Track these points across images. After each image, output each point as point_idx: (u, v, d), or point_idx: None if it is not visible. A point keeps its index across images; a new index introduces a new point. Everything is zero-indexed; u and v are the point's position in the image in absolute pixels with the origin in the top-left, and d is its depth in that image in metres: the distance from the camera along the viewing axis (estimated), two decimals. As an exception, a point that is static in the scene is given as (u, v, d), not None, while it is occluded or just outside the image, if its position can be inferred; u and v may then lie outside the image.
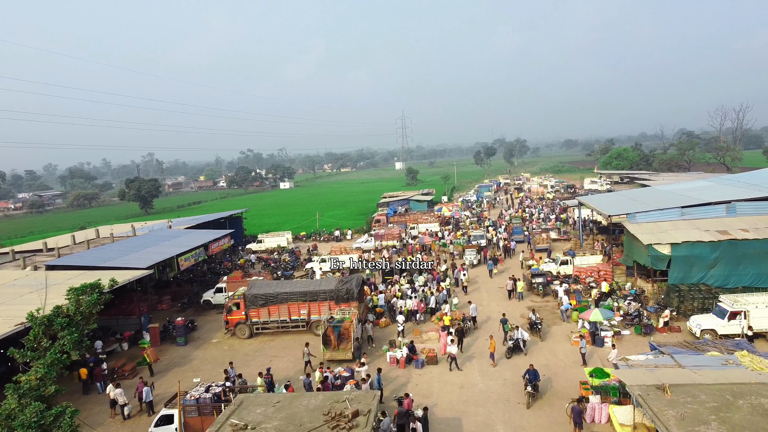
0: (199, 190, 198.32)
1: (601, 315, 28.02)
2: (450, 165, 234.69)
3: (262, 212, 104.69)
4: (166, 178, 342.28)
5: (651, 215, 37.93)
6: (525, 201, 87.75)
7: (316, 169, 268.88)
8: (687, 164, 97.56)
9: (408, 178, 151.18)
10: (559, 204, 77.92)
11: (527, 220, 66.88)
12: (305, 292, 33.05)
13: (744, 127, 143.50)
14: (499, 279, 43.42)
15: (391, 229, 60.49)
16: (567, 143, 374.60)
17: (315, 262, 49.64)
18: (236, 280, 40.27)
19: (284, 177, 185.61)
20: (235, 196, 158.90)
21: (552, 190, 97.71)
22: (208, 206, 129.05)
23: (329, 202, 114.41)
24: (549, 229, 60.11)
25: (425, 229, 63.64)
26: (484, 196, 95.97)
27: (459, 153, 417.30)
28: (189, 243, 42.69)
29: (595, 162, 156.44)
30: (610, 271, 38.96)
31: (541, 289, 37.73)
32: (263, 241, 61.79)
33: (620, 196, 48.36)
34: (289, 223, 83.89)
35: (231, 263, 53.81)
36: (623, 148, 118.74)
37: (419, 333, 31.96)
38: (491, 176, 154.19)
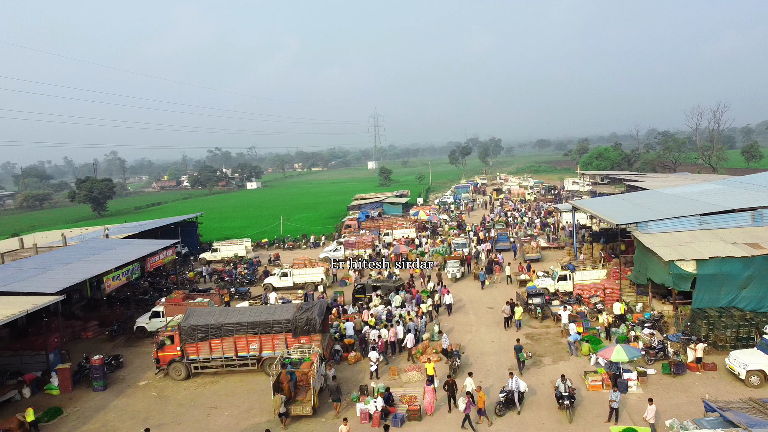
0: (162, 191, 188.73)
1: (626, 354, 22.27)
2: (424, 164, 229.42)
3: (225, 215, 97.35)
4: (129, 177, 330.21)
5: (665, 224, 32.54)
6: (506, 203, 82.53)
7: (286, 168, 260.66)
8: (673, 165, 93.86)
9: (381, 178, 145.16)
10: (542, 207, 72.82)
11: (511, 226, 61.41)
12: (255, 323, 26.59)
13: (722, 127, 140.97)
14: (489, 295, 37.60)
15: (363, 236, 54.27)
16: (540, 143, 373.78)
17: (275, 276, 43.19)
18: (176, 303, 33.53)
19: (251, 177, 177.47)
20: (199, 196, 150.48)
21: (532, 192, 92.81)
22: (168, 208, 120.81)
23: (297, 204, 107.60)
24: (535, 236, 54.77)
25: (401, 235, 57.62)
26: (462, 198, 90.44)
27: (432, 152, 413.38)
28: (122, 257, 35.75)
29: (573, 162, 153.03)
30: (618, 289, 33.48)
31: (539, 312, 31.97)
32: (219, 249, 54.86)
33: (621, 200, 43.08)
34: (252, 228, 77.04)
35: (179, 277, 46.85)
36: (603, 147, 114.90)
37: (396, 373, 25.83)
38: (467, 176, 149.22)
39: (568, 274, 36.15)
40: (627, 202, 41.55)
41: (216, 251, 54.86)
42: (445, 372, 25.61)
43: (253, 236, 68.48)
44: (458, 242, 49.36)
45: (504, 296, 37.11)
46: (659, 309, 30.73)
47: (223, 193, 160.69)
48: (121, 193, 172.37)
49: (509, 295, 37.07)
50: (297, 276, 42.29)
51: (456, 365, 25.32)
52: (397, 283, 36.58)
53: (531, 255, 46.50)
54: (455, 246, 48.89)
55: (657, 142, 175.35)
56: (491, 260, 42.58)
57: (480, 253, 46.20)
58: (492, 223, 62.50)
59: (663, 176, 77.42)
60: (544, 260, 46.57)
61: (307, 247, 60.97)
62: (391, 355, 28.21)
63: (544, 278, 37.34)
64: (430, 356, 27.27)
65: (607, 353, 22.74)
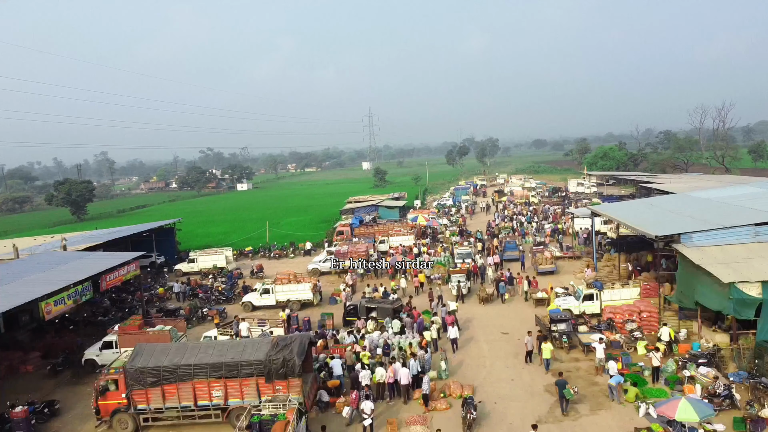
0: (149, 192, 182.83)
1: (697, 412, 17.06)
2: (419, 165, 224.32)
3: (211, 218, 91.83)
4: (119, 178, 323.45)
5: (713, 236, 27.41)
6: (509, 206, 77.35)
7: (279, 169, 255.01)
8: (684, 165, 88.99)
9: (376, 179, 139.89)
10: (551, 211, 67.73)
11: (518, 232, 56.19)
12: (220, 365, 21.27)
13: (727, 126, 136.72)
14: (501, 316, 32.35)
15: (356, 245, 48.96)
16: (536, 143, 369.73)
17: (255, 292, 37.89)
18: (132, 331, 28.19)
19: (242, 178, 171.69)
20: (186, 198, 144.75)
21: (537, 194, 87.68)
22: (153, 211, 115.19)
23: (287, 207, 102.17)
24: (546, 244, 49.63)
25: (398, 243, 52.33)
26: (461, 200, 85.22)
27: (427, 152, 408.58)
28: (72, 275, 30.32)
29: (575, 162, 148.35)
30: (656, 313, 28.34)
31: (565, 342, 26.75)
32: (196, 260, 49.43)
33: (649, 206, 37.97)
34: (237, 233, 71.61)
35: (145, 293, 41.43)
36: (608, 147, 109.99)
37: (396, 426, 20.58)
38: (465, 177, 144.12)
39: (595, 293, 30.99)
40: (657, 208, 36.43)
41: (193, 262, 49.41)
42: (457, 424, 20.52)
43: (238, 243, 63.19)
44: (463, 252, 44.06)
45: (520, 318, 31.99)
46: (710, 338, 25.62)
47: (213, 195, 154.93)
48: (106, 195, 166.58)
49: (525, 316, 31.96)
50: (280, 293, 36.97)
51: (471, 419, 20.09)
52: (395, 304, 31.30)
53: (544, 267, 41.33)
54: (459, 256, 43.61)
55: (658, 142, 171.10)
56: (498, 279, 36.70)
57: (486, 269, 40.58)
58: (497, 228, 57.26)
59: (677, 177, 72.47)
60: (559, 273, 41.46)
61: (296, 255, 55.60)
62: (389, 400, 22.95)
63: (565, 297, 32.16)
64: (437, 403, 22.09)
65: (670, 410, 17.50)
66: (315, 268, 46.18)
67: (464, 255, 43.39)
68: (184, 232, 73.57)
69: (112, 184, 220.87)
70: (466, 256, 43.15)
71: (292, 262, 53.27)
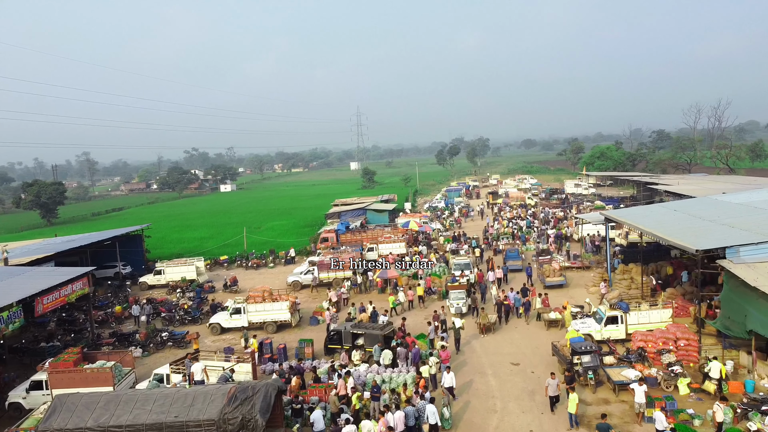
0: (130, 194, 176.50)
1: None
2: (409, 165, 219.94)
3: (189, 222, 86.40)
4: (101, 179, 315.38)
5: (764, 249, 23.03)
6: (505, 209, 72.94)
7: (265, 169, 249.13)
8: (687, 165, 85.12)
9: (364, 179, 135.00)
10: (550, 214, 63.36)
11: (519, 238, 51.71)
12: (159, 425, 16.41)
13: (723, 125, 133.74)
14: (509, 342, 27.73)
15: (341, 253, 44.18)
16: (526, 143, 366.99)
17: (225, 312, 33.03)
18: (66, 368, 23.19)
19: (226, 178, 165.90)
20: (166, 200, 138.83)
21: (532, 196, 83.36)
22: (129, 214, 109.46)
23: (271, 210, 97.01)
24: (551, 252, 45.21)
25: (388, 251, 47.64)
26: (455, 203, 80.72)
27: (416, 152, 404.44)
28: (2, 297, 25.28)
29: (568, 162, 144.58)
30: (695, 341, 23.89)
31: (590, 378, 22.19)
32: (163, 272, 44.34)
33: (672, 211, 33.55)
34: (215, 239, 66.48)
35: (103, 312, 36.35)
36: (605, 146, 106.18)
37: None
38: (457, 177, 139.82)
39: (619, 315, 26.48)
40: (682, 214, 32.01)
41: (159, 273, 44.32)
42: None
43: (214, 251, 58.13)
44: (461, 262, 39.35)
45: (531, 344, 27.46)
46: (764, 374, 21.20)
47: (194, 197, 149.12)
48: (84, 197, 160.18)
49: (538, 342, 27.41)
50: (253, 313, 32.11)
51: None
52: (385, 329, 26.56)
53: (553, 279, 36.84)
54: (457, 267, 38.94)
55: (651, 141, 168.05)
56: (501, 302, 30.91)
57: (487, 288, 35.42)
58: (496, 235, 52.73)
59: (683, 178, 68.51)
60: (568, 286, 37.00)
61: (275, 265, 50.65)
62: (380, 463, 18.24)
63: (583, 319, 27.64)
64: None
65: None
66: (296, 280, 41.35)
67: (462, 266, 38.74)
68: (157, 238, 68.38)
69: (91, 185, 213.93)
70: (464, 267, 38.51)
71: (271, 273, 48.38)
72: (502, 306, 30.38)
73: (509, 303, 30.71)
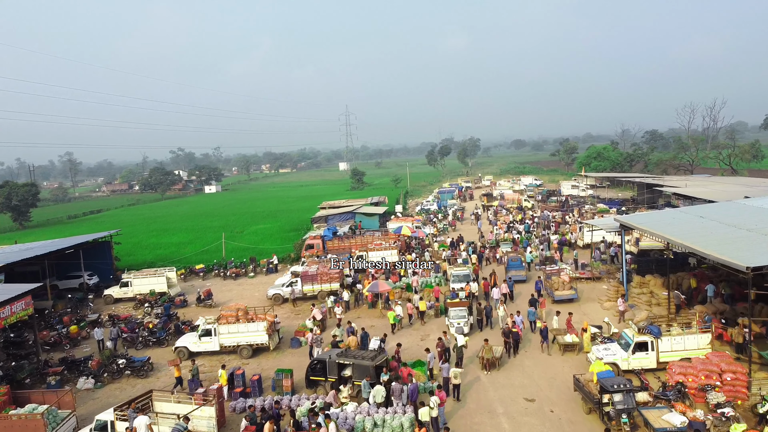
0: (111, 195, 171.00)
1: None
2: (398, 165, 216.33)
3: (168, 225, 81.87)
4: (84, 180, 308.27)
5: (826, 266, 19.45)
6: (500, 212, 69.33)
7: (251, 170, 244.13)
8: (690, 166, 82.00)
9: (353, 180, 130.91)
10: (550, 218, 59.80)
11: (518, 244, 48.01)
12: None
13: (719, 125, 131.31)
14: (520, 371, 23.85)
15: (327, 263, 40.24)
16: (516, 143, 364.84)
17: (192, 335, 29.00)
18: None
19: (211, 179, 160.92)
20: (148, 202, 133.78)
21: (530, 198, 79.83)
22: (107, 217, 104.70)
23: (255, 212, 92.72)
24: (556, 261, 41.62)
25: (379, 258, 43.79)
26: (448, 205, 76.97)
27: (405, 153, 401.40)
28: None
29: (561, 162, 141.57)
30: (743, 373, 20.23)
31: (625, 423, 18.43)
32: (130, 283, 40.09)
33: (698, 218, 29.92)
34: (195, 244, 62.19)
35: (56, 333, 32.07)
36: (602, 146, 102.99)
37: None
38: (448, 178, 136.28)
39: (650, 341, 22.78)
40: (711, 221, 28.42)
41: (126, 286, 40.06)
42: None
43: (192, 258, 53.89)
44: (460, 274, 35.45)
45: (546, 374, 23.67)
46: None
47: (177, 198, 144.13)
48: (63, 199, 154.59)
49: (554, 372, 23.65)
50: (226, 336, 28.08)
51: None
52: (377, 359, 22.64)
53: (563, 293, 33.14)
54: (456, 279, 35.07)
55: (644, 141, 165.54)
56: (509, 330, 25.94)
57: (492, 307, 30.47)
58: (494, 241, 48.99)
59: (687, 179, 65.38)
60: (579, 300, 33.33)
61: (256, 274, 46.56)
62: None
63: (606, 345, 23.92)
64: None
65: None
66: (277, 293, 37.32)
67: (462, 277, 34.90)
68: (132, 244, 64.26)
69: (72, 186, 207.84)
70: (465, 279, 34.68)
71: (251, 283, 44.29)
72: (510, 334, 26.04)
73: (518, 331, 26.47)
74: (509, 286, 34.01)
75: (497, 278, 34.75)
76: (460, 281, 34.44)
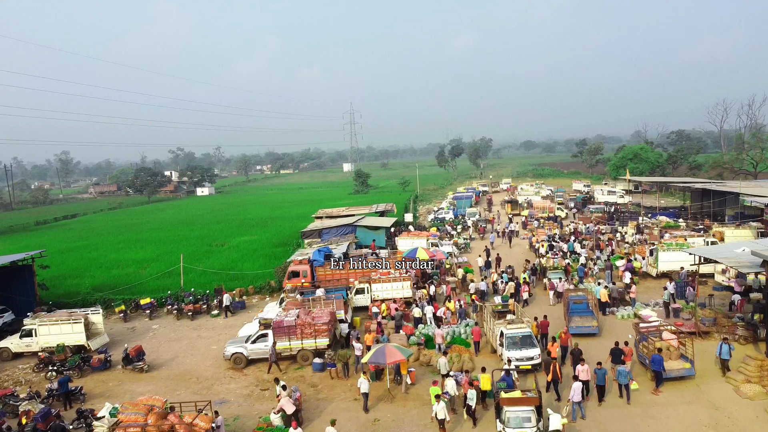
0: (100, 197, 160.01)
1: None
2: (405, 167, 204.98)
3: (140, 236, 70.09)
4: (79, 180, 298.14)
5: None
6: (531, 223, 57.51)
7: (249, 170, 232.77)
8: (754, 171, 69.78)
9: (357, 183, 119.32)
10: (593, 232, 48.03)
11: (571, 272, 36.11)
12: None
13: (761, 124, 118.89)
14: None
15: (315, 303, 28.55)
16: (526, 144, 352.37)
17: None
18: None
19: (203, 180, 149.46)
20: (132, 206, 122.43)
21: (563, 206, 67.92)
22: (79, 223, 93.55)
23: (245, 219, 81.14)
24: (633, 302, 29.94)
25: (388, 294, 32.20)
26: (466, 214, 65.15)
27: (412, 154, 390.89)
28: None
29: (584, 164, 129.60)
30: None
31: None
32: (35, 332, 28.42)
33: None
34: (161, 262, 50.50)
35: None
36: (638, 146, 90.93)
37: None
38: (461, 181, 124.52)
39: None
40: None
41: (30, 336, 28.44)
42: None
43: (149, 284, 42.20)
44: (517, 334, 22.84)
45: None
46: None
47: (165, 201, 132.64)
48: (44, 201, 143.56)
49: None
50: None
51: None
52: None
53: (675, 368, 21.24)
54: (512, 342, 22.68)
55: (670, 143, 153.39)
56: None
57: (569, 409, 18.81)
58: (538, 267, 37.05)
59: (759, 185, 53.48)
60: (696, 376, 21.51)
61: (221, 312, 34.81)
62: None
63: None
64: None
65: None
66: (237, 353, 25.64)
67: (521, 341, 22.48)
68: (88, 260, 53.68)
69: (63, 186, 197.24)
70: (526, 343, 22.40)
71: (212, 326, 32.64)
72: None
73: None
74: (576, 357, 21.95)
75: (568, 337, 22.93)
76: (518, 348, 22.34)
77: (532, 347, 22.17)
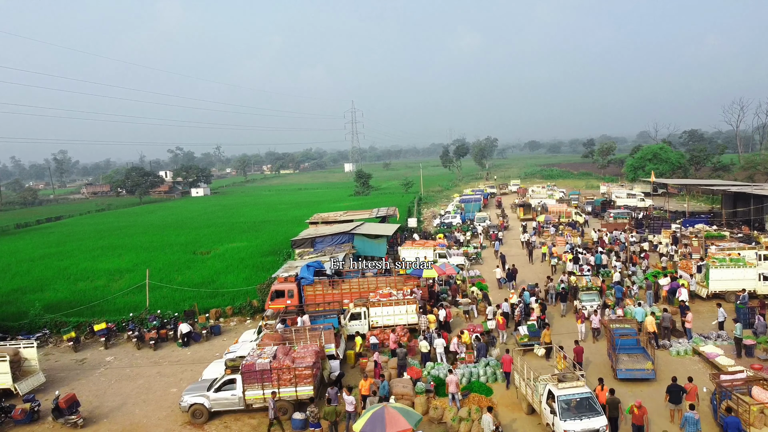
0: (92, 197, 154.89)
1: None
2: (408, 167, 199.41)
3: (120, 241, 64.69)
4: (77, 179, 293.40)
5: None
6: (547, 230, 51.93)
7: (253, 170, 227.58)
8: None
9: (358, 184, 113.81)
10: (620, 239, 42.48)
11: (607, 291, 30.56)
12: None
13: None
14: None
15: (298, 338, 23.10)
16: (530, 144, 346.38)
17: None
18: None
19: (198, 181, 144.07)
20: (121, 207, 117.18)
21: (578, 210, 62.28)
22: (62, 225, 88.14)
23: (237, 223, 75.66)
24: (689, 333, 24.36)
25: (388, 321, 26.72)
26: (476, 219, 59.52)
27: (414, 154, 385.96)
28: None
29: (596, 165, 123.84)
30: None
31: None
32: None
33: None
34: (136, 273, 44.87)
35: None
36: (658, 146, 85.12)
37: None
38: (466, 182, 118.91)
39: None
40: None
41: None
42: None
43: (116, 302, 36.82)
44: (573, 396, 16.41)
45: None
46: None
47: (158, 202, 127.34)
48: (33, 202, 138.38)
49: None
50: None
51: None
52: None
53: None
54: (566, 412, 16.01)
55: (682, 143, 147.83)
56: None
57: None
58: (566, 285, 31.43)
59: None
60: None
61: (187, 342, 29.25)
62: None
63: None
64: None
65: None
66: (197, 405, 20.09)
67: (580, 409, 16.15)
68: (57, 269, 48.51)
69: (53, 186, 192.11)
70: (584, 407, 16.14)
71: (176, 359, 27.11)
72: None
73: None
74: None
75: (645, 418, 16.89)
76: (576, 416, 16.07)
77: (596, 415, 16.19)
